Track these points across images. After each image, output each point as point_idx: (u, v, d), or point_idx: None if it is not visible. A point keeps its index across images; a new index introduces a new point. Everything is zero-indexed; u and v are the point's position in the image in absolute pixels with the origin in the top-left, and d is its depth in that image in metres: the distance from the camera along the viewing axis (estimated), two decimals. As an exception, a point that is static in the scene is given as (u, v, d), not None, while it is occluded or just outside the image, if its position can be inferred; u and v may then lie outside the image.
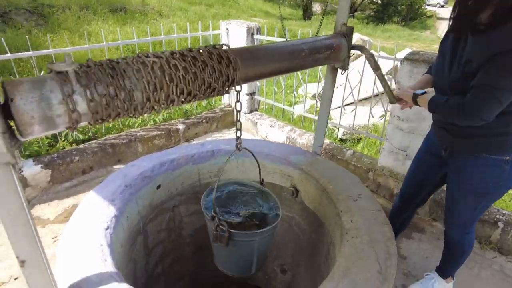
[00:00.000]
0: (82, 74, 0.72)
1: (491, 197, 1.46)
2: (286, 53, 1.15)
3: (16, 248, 0.79)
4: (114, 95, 0.75)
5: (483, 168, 1.38)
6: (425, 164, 1.68)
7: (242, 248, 1.17)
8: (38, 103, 0.66)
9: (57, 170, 2.83)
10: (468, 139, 1.39)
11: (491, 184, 1.40)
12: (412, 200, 1.81)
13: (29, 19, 7.99)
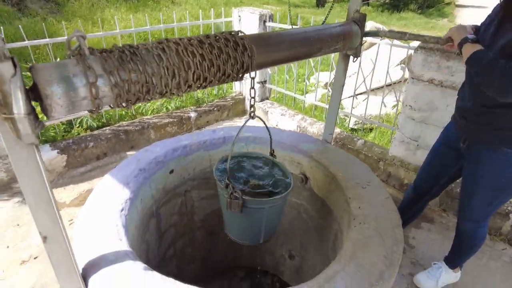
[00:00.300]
0: (104, 59, 0.75)
1: (509, 193, 1.43)
2: (299, 40, 1.16)
3: (39, 225, 0.83)
4: (136, 80, 0.77)
5: (501, 162, 1.35)
6: (442, 156, 1.66)
7: (254, 216, 1.19)
8: (63, 87, 0.69)
9: (72, 155, 2.92)
10: (488, 131, 1.35)
11: (509, 180, 1.38)
12: (426, 192, 1.81)
13: (44, 7, 8.08)
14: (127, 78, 0.78)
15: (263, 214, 1.18)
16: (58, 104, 0.71)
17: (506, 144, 1.32)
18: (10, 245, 2.21)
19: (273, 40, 1.04)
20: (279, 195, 1.17)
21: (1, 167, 2.54)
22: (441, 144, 1.67)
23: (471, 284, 1.95)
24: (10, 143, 0.70)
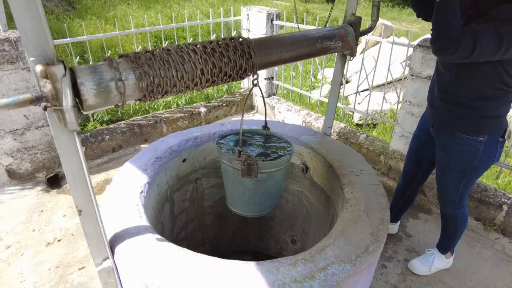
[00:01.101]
0: (131, 61, 0.91)
1: (471, 175, 1.58)
2: (298, 42, 1.30)
3: (76, 200, 1.00)
4: (151, 81, 0.93)
5: (459, 146, 1.51)
6: (421, 141, 1.83)
7: (262, 183, 1.28)
8: (98, 84, 0.85)
9: (90, 147, 3.11)
10: (448, 118, 1.53)
11: (467, 163, 1.53)
12: (413, 177, 1.96)
13: (59, 4, 8.33)
14: (147, 78, 0.94)
15: (271, 180, 1.28)
16: (93, 99, 0.87)
17: (462, 130, 1.49)
18: (36, 229, 2.42)
19: (274, 43, 1.18)
20: (286, 156, 1.29)
21: (26, 158, 2.74)
22: (419, 130, 1.84)
23: (463, 269, 2.07)
24: (57, 129, 0.86)
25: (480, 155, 1.49)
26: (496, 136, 1.48)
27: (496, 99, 1.41)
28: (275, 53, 1.17)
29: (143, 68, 0.90)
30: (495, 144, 1.49)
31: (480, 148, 1.48)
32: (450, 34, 1.22)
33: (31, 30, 0.75)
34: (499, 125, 1.46)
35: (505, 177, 3.28)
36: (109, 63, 0.88)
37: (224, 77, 1.09)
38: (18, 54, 2.45)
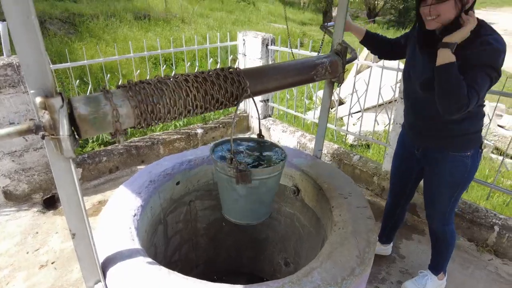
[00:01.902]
0: (126, 91, 0.96)
1: (461, 188, 1.68)
2: (288, 72, 1.37)
3: (70, 223, 1.03)
4: (145, 108, 0.99)
5: (451, 164, 1.60)
6: (403, 159, 1.90)
7: (256, 190, 1.30)
8: (92, 108, 0.91)
9: (87, 169, 3.15)
10: (434, 141, 1.61)
11: (459, 177, 1.62)
12: (401, 195, 2.01)
13: (62, 28, 8.56)
14: (141, 105, 1.00)
15: (264, 186, 1.31)
16: (89, 126, 0.92)
17: (451, 149, 1.58)
18: (30, 251, 2.42)
19: (264, 73, 1.25)
20: (279, 163, 1.32)
21: (24, 179, 2.77)
22: (401, 148, 1.90)
23: (456, 291, 2.07)
24: (54, 157, 0.91)
25: (469, 168, 1.60)
26: (477, 149, 1.60)
27: (475, 116, 1.53)
28: (264, 83, 1.24)
29: (137, 97, 0.96)
30: (478, 156, 1.61)
31: (468, 162, 1.58)
32: (461, 97, 1.28)
33: (33, 65, 0.81)
34: (479, 138, 1.59)
35: (499, 197, 3.32)
36: (104, 95, 0.94)
37: (216, 104, 1.14)
38: (20, 79, 2.52)
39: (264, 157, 1.43)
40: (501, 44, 1.32)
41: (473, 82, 1.29)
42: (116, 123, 0.96)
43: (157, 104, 0.98)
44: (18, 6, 0.75)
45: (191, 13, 13.20)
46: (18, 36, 0.78)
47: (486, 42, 1.31)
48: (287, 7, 22.66)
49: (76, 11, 9.97)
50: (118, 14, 10.77)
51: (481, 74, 1.30)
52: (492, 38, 1.32)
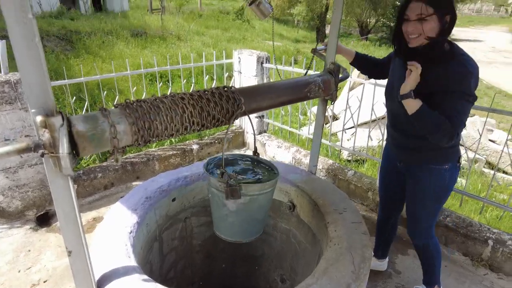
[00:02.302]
0: (124, 109, 0.99)
1: (441, 199, 1.72)
2: (282, 90, 1.41)
3: (66, 241, 1.03)
4: (142, 125, 1.01)
5: (431, 176, 1.64)
6: (389, 172, 1.93)
7: (247, 207, 1.31)
8: (90, 125, 0.93)
9: (82, 185, 3.13)
10: (416, 155, 1.65)
11: (439, 190, 1.67)
12: (389, 207, 2.04)
13: (59, 45, 8.64)
14: (139, 123, 1.02)
15: (255, 203, 1.31)
16: (88, 145, 0.94)
17: (430, 162, 1.63)
18: (21, 269, 2.37)
19: (257, 92, 1.29)
20: (270, 180, 1.34)
21: (17, 196, 2.75)
22: (385, 161, 1.94)
23: (453, 307, 2.07)
24: (52, 174, 0.92)
25: (447, 181, 1.64)
26: (455, 163, 1.64)
27: None
28: (259, 101, 1.27)
29: (134, 114, 0.99)
30: (456, 169, 1.65)
31: (447, 175, 1.63)
32: (444, 131, 1.37)
33: (35, 85, 0.84)
34: (456, 152, 1.63)
35: (492, 211, 3.35)
36: (102, 113, 0.96)
37: (213, 121, 1.17)
38: (17, 95, 2.54)
39: (257, 173, 1.45)
40: (474, 67, 1.38)
41: (454, 111, 1.37)
42: (114, 139, 0.98)
43: (154, 120, 1.01)
44: (23, 29, 0.78)
45: (187, 31, 13.41)
46: (22, 58, 0.80)
47: (462, 64, 1.37)
48: (282, 25, 23.12)
49: (73, 28, 10.09)
50: (115, 31, 10.91)
51: (461, 102, 1.37)
52: (465, 59, 1.38)
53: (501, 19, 44.21)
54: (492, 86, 12.34)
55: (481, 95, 11.01)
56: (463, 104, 1.38)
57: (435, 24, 1.36)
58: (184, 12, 17.98)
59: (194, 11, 19.89)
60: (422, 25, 1.37)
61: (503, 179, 4.55)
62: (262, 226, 1.48)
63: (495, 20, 42.82)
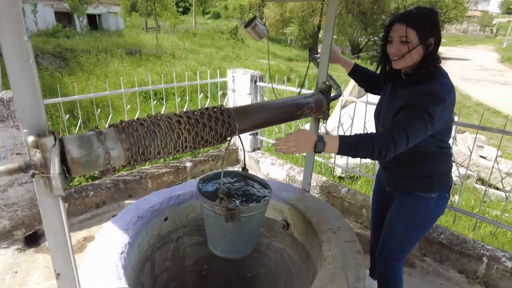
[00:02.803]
0: (117, 128, 0.99)
1: (420, 229, 1.63)
2: (275, 110, 1.43)
3: (55, 263, 1.01)
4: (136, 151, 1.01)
5: (415, 203, 1.58)
6: (378, 193, 1.92)
7: (248, 224, 1.32)
8: (85, 150, 0.92)
9: (73, 204, 3.08)
10: (402, 180, 1.59)
11: (419, 217, 1.59)
12: (379, 227, 2.00)
13: (53, 62, 8.68)
14: (133, 137, 1.02)
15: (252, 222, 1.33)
16: (80, 165, 0.94)
17: (416, 189, 1.56)
18: (7, 292, 2.30)
19: (253, 110, 1.30)
20: (265, 199, 1.35)
21: (6, 215, 2.69)
22: (377, 185, 1.93)
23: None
24: (42, 194, 0.91)
25: (432, 211, 1.56)
26: (444, 193, 1.56)
27: (439, 159, 1.51)
28: (251, 120, 1.28)
29: (130, 140, 0.99)
30: (443, 200, 1.56)
31: (432, 204, 1.55)
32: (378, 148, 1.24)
33: (28, 106, 0.84)
34: (446, 182, 1.56)
35: (486, 227, 3.36)
36: (97, 136, 0.96)
37: (205, 144, 1.18)
38: (9, 113, 2.53)
39: (248, 191, 1.46)
40: (445, 92, 1.31)
41: (401, 124, 1.28)
42: (107, 164, 0.97)
43: (148, 147, 1.01)
44: (18, 51, 0.79)
45: (182, 49, 13.58)
46: (16, 78, 0.81)
47: (438, 86, 1.32)
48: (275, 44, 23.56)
49: (68, 46, 10.17)
50: (110, 50, 11.01)
51: (417, 117, 1.27)
52: (443, 83, 1.33)
53: (487, 39, 45.72)
54: (481, 103, 12.61)
55: (470, 111, 11.24)
56: (419, 121, 1.27)
57: (419, 47, 1.34)
58: (178, 31, 18.27)
59: (188, 30, 20.24)
60: (404, 47, 1.35)
61: (495, 195, 4.58)
62: (256, 240, 1.48)
63: (481, 40, 44.25)
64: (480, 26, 52.06)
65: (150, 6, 15.56)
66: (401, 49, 1.36)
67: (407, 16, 1.35)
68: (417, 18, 1.34)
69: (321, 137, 1.26)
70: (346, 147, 1.27)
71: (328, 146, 1.27)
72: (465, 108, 11.63)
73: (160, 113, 1.14)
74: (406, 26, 1.32)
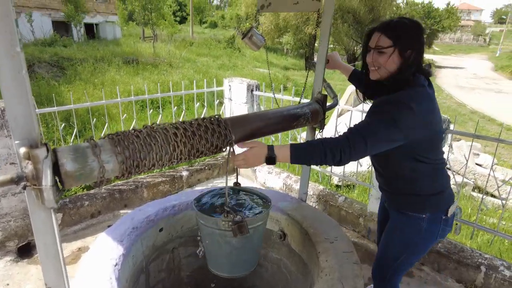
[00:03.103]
0: (111, 139, 0.98)
1: (412, 251, 1.50)
2: (272, 119, 1.42)
3: (46, 276, 0.99)
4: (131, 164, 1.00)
5: (405, 223, 1.47)
6: (381, 208, 1.86)
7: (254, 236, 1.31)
8: (79, 164, 0.91)
9: (67, 214, 3.04)
10: (396, 198, 1.50)
11: (409, 238, 1.47)
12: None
13: (50, 71, 8.68)
14: (128, 148, 1.01)
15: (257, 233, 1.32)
16: (74, 177, 0.92)
17: (406, 208, 1.45)
18: (-1, 305, 2.25)
19: (248, 122, 1.30)
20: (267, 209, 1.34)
21: (-1, 226, 2.65)
22: (382, 201, 1.85)
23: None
24: (34, 206, 0.89)
25: (423, 232, 1.43)
26: (438, 214, 1.42)
27: (427, 176, 1.38)
28: (247, 130, 1.28)
29: (125, 153, 0.97)
30: (437, 222, 1.42)
31: (423, 226, 1.41)
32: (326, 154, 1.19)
33: (20, 117, 0.83)
34: (439, 202, 1.42)
35: (483, 235, 3.35)
36: (92, 149, 0.95)
37: (198, 154, 1.17)
38: (4, 123, 2.50)
39: (244, 203, 1.45)
40: (413, 100, 1.22)
41: (360, 127, 1.21)
42: (102, 177, 0.96)
43: (143, 160, 1.00)
44: (11, 62, 0.78)
45: (179, 58, 13.64)
46: (8, 89, 0.80)
47: (399, 93, 1.26)
48: (271, 53, 23.76)
49: (65, 55, 10.19)
50: (107, 58, 11.03)
51: (374, 121, 1.21)
52: (407, 91, 1.26)
53: (480, 48, 46.42)
54: (476, 111, 12.73)
55: (466, 119, 11.33)
56: (380, 125, 1.20)
57: (395, 57, 1.26)
58: (176, 40, 18.38)
59: (186, 39, 20.36)
60: (380, 58, 1.28)
61: (492, 203, 4.59)
62: (259, 253, 1.47)
63: (474, 49, 44.90)
64: (474, 35, 52.91)
65: (147, 16, 15.67)
66: (377, 59, 1.29)
67: (386, 25, 1.29)
68: (395, 28, 1.26)
69: (271, 149, 1.23)
70: (297, 155, 1.22)
71: (279, 157, 1.23)
72: (461, 116, 11.73)
73: (156, 123, 1.13)
74: (382, 35, 1.26)
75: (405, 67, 1.26)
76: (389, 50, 1.25)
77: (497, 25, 67.94)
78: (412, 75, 1.29)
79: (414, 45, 1.27)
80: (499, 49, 37.71)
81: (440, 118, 1.35)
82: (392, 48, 1.25)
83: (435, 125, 1.30)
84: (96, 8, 18.84)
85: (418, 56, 1.28)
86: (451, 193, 1.45)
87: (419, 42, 1.29)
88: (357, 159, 1.23)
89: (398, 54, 1.25)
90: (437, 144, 1.36)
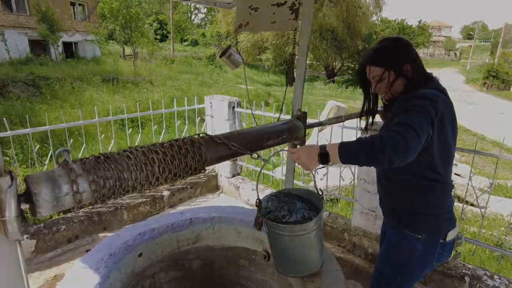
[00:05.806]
0: (83, 163, 0.93)
1: (406, 274, 1.42)
2: (252, 138, 1.41)
3: (11, 316, 0.91)
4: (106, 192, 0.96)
5: (399, 241, 1.41)
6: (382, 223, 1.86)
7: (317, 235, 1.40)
8: (52, 195, 0.86)
9: (42, 239, 2.89)
10: (393, 215, 1.46)
11: (404, 259, 1.40)
12: None
13: (26, 90, 8.45)
14: (102, 175, 0.96)
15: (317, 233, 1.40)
16: (46, 206, 0.87)
17: (401, 226, 1.40)
18: None
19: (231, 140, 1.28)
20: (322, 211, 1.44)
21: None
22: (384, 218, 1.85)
23: None
24: (-3, 240, 0.83)
25: (418, 254, 1.35)
26: (435, 237, 1.34)
27: (430, 193, 1.33)
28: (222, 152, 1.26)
29: (100, 183, 0.93)
30: (434, 245, 1.34)
31: (418, 247, 1.34)
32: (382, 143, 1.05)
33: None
34: (437, 224, 1.34)
35: (465, 245, 3.39)
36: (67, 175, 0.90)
37: (175, 178, 1.13)
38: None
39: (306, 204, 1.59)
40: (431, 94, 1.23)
41: (403, 120, 1.12)
42: (76, 205, 0.91)
43: (119, 188, 0.96)
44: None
45: (160, 76, 13.59)
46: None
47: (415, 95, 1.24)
48: (253, 70, 24.05)
49: (42, 74, 9.98)
50: (86, 77, 10.85)
51: (409, 114, 1.15)
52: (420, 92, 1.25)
53: (452, 62, 48.68)
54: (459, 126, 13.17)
55: (442, 131, 11.68)
56: (415, 114, 1.14)
57: (395, 77, 1.30)
58: (157, 58, 18.35)
59: (166, 57, 20.38)
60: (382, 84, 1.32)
61: (472, 212, 4.69)
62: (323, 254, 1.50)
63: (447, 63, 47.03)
64: (445, 50, 55.45)
65: (127, 34, 15.64)
66: (380, 87, 1.34)
67: (371, 56, 1.34)
68: (380, 54, 1.31)
69: (323, 146, 1.16)
70: (347, 152, 1.11)
71: (332, 154, 1.14)
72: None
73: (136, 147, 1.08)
74: (372, 66, 1.33)
75: (410, 80, 1.30)
76: (385, 75, 1.30)
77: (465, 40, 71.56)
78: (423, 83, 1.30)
79: (404, 59, 1.30)
80: (468, 63, 39.71)
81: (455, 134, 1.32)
82: (387, 73, 1.30)
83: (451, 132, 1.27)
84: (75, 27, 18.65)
85: (416, 65, 1.31)
86: (453, 218, 1.38)
87: (407, 54, 1.31)
88: (415, 150, 1.07)
89: (395, 74, 1.30)
90: (448, 159, 1.31)
